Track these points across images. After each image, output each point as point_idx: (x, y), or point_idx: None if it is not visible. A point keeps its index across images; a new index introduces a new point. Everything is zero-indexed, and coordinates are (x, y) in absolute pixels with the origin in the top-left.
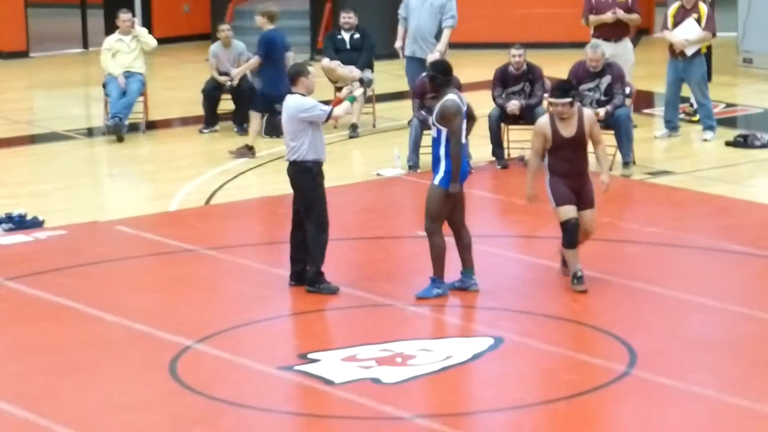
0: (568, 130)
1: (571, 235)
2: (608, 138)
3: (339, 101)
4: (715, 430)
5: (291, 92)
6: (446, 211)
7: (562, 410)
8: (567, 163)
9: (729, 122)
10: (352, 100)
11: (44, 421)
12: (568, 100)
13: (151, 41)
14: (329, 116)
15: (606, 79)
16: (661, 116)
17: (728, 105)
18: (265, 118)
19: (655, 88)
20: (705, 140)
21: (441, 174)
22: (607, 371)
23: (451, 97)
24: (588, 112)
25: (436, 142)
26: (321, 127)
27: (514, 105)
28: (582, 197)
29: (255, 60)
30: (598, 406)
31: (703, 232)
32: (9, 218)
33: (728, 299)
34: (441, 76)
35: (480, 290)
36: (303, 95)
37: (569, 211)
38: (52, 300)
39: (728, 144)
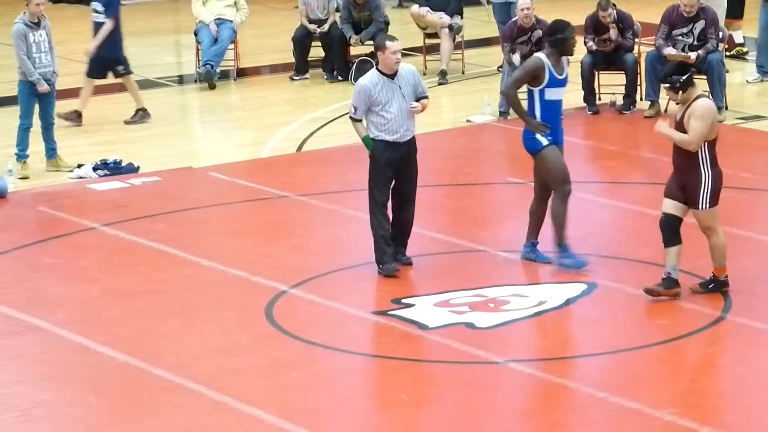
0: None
1: (662, 231)
2: (701, 83)
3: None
4: None
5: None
6: None
7: (656, 354)
8: (673, 153)
9: None
10: (368, 144)
11: (143, 364)
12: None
13: None
14: (350, 117)
15: (700, 24)
16: (753, 61)
17: None
18: (355, 64)
19: (747, 32)
20: None
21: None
22: (701, 316)
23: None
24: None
25: (559, 104)
26: (388, 109)
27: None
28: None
29: None
30: (693, 350)
31: None
32: (104, 164)
33: None
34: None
35: (570, 237)
36: (379, 72)
37: (665, 205)
38: (148, 245)
39: None
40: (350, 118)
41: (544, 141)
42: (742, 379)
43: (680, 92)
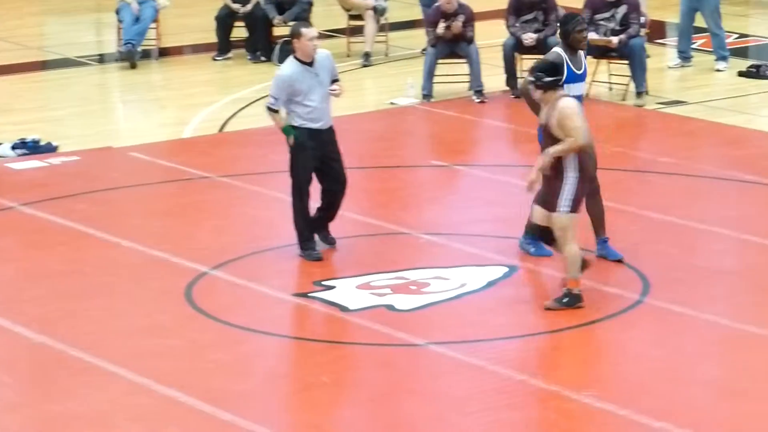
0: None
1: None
2: (622, 68)
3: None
4: (729, 357)
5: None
6: None
7: (576, 337)
8: None
9: (741, 52)
10: (289, 132)
11: (62, 345)
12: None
13: None
14: (267, 107)
15: (622, 9)
16: (673, 46)
17: (741, 35)
18: (278, 45)
19: (667, 17)
20: (718, 70)
21: None
22: (620, 299)
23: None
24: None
25: (581, 99)
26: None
27: (530, 38)
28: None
29: None
30: (612, 333)
31: (716, 161)
32: (23, 143)
33: (741, 228)
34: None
35: (492, 220)
36: (297, 60)
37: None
38: (68, 225)
39: (741, 74)
40: (267, 108)
41: None
42: (659, 362)
43: (541, 91)
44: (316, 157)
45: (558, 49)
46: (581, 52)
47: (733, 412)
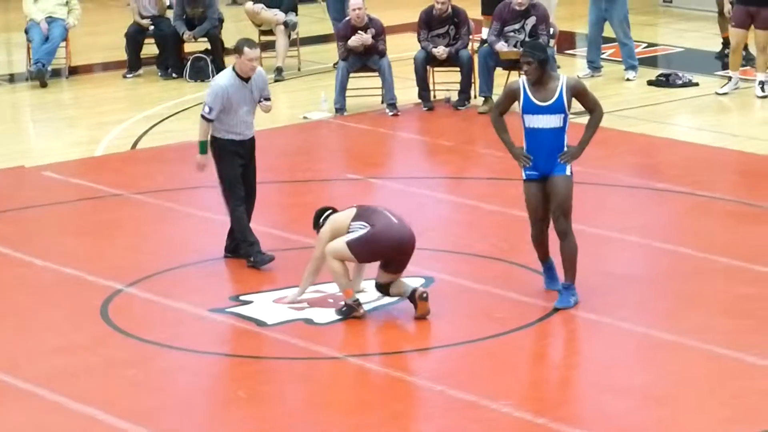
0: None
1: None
2: None
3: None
4: (645, 364)
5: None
6: None
7: (492, 347)
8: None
9: (650, 62)
10: (202, 149)
11: None
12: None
13: None
14: (203, 117)
15: (531, 20)
16: (583, 57)
17: (649, 45)
18: (190, 61)
19: (576, 28)
20: (627, 80)
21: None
22: (535, 308)
23: (565, 75)
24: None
25: (558, 132)
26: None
27: (441, 51)
28: None
29: None
30: (528, 342)
31: (627, 170)
32: None
33: (652, 236)
34: (546, 56)
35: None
36: (235, 73)
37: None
38: None
39: (650, 83)
40: (203, 117)
41: (523, 174)
42: (576, 370)
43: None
44: (241, 165)
45: (522, 77)
46: (561, 83)
47: (650, 418)
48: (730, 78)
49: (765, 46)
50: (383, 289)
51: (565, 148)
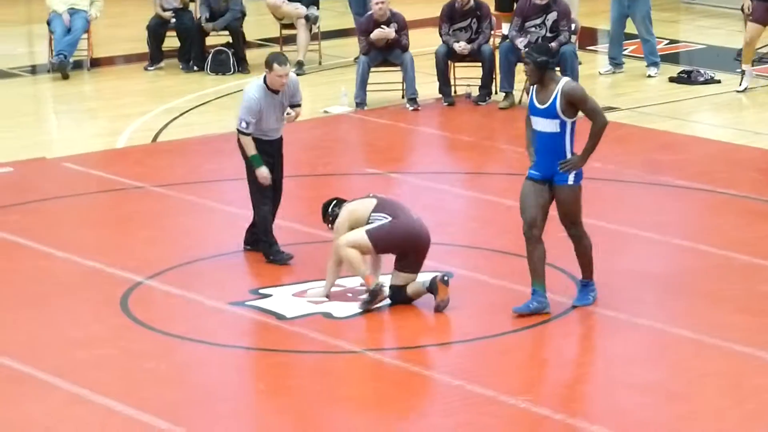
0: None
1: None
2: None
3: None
4: (662, 360)
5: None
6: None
7: (511, 343)
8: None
9: (672, 58)
10: (257, 163)
11: None
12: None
13: None
14: (241, 132)
15: (552, 15)
16: (605, 53)
17: (671, 41)
18: (211, 54)
19: (598, 24)
20: (649, 76)
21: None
22: (554, 304)
23: (568, 79)
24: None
25: (556, 137)
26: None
27: (462, 46)
28: None
29: None
30: (546, 338)
31: (647, 167)
32: None
33: (672, 233)
34: (549, 59)
35: (430, 226)
36: (265, 85)
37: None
38: (1, 236)
39: (672, 80)
40: (241, 132)
41: (527, 173)
42: (594, 366)
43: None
44: (268, 163)
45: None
46: (551, 87)
47: (666, 414)
48: (743, 72)
49: (750, 38)
50: (400, 292)
51: (568, 155)
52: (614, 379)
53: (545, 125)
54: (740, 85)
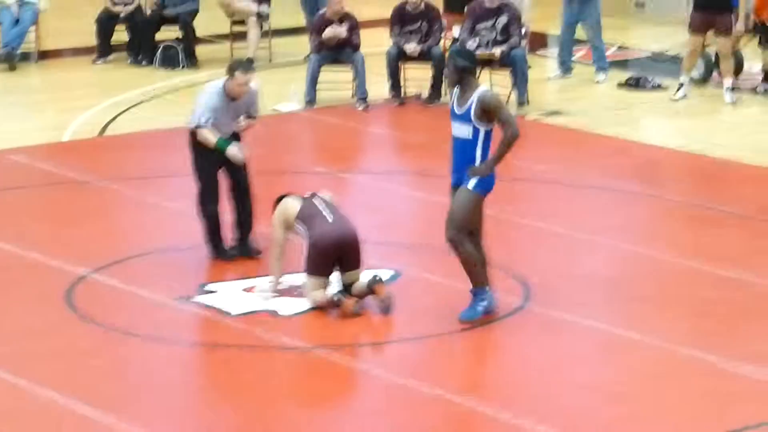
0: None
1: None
2: (503, 78)
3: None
4: (607, 361)
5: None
6: (476, 219)
7: (458, 342)
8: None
9: (621, 65)
10: (222, 147)
11: None
12: None
13: None
14: (199, 127)
15: (503, 19)
16: (554, 58)
17: (620, 48)
18: (160, 49)
19: (548, 29)
20: (597, 82)
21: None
22: (502, 305)
23: (485, 87)
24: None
25: (468, 144)
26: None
27: (412, 48)
28: None
29: None
30: (494, 338)
31: (596, 171)
32: None
33: (619, 237)
34: (469, 64)
35: (375, 226)
36: (224, 93)
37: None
38: None
39: (620, 86)
40: (199, 127)
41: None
42: (540, 366)
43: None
44: (220, 162)
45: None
46: (478, 94)
47: (611, 414)
48: (681, 84)
49: (726, 52)
50: (347, 292)
51: (478, 163)
52: (561, 379)
53: (460, 131)
54: (675, 94)
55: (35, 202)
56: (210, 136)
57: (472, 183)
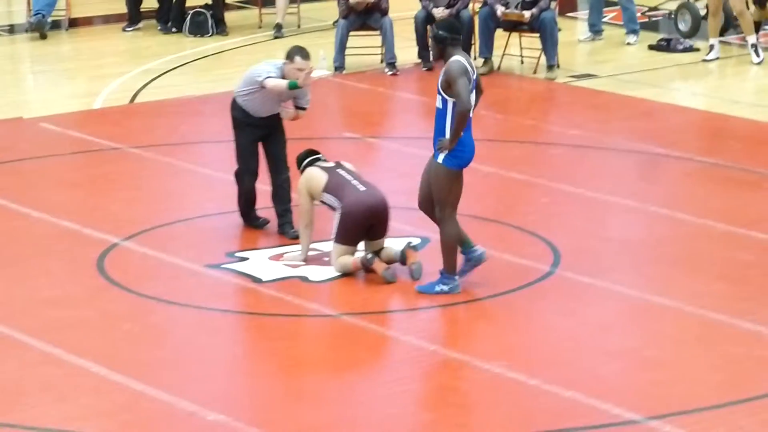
0: None
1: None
2: (533, 41)
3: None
4: (637, 327)
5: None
6: (456, 194)
7: (487, 308)
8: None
9: (651, 26)
10: (293, 85)
11: None
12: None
13: None
14: (269, 79)
15: None
16: (584, 20)
17: (651, 9)
18: (190, 16)
19: None
20: (628, 44)
21: (448, 150)
22: (531, 270)
23: (456, 58)
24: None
25: (440, 114)
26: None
27: (441, 12)
28: None
29: None
30: (523, 304)
31: (626, 134)
32: None
33: (649, 200)
34: (448, 35)
35: (401, 192)
36: (281, 75)
37: None
38: None
39: (651, 48)
40: (269, 78)
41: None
42: (569, 332)
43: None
44: (259, 135)
45: (459, 57)
46: (453, 61)
47: (641, 380)
48: (712, 46)
49: (741, 9)
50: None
51: (447, 135)
52: (589, 345)
53: (437, 101)
54: (708, 55)
55: (67, 170)
56: (278, 81)
57: (441, 156)
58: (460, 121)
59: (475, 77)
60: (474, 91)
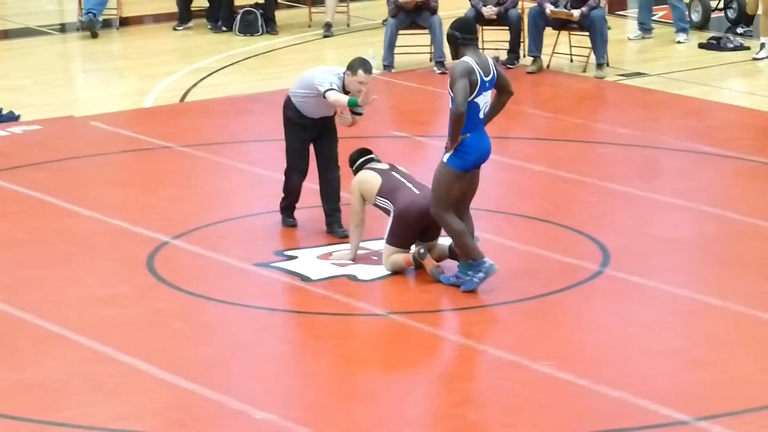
0: None
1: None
2: (583, 39)
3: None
4: (687, 327)
5: None
6: (455, 194)
7: (536, 308)
8: None
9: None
10: (353, 103)
11: (22, 313)
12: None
13: None
14: (330, 91)
15: None
16: (634, 18)
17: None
18: (240, 15)
19: None
20: (678, 42)
21: (451, 151)
22: (580, 270)
23: (464, 59)
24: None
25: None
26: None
27: (490, 10)
28: None
29: None
30: (572, 303)
31: (675, 133)
32: None
33: (699, 200)
34: (459, 35)
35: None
36: (341, 85)
37: None
38: (29, 194)
39: (701, 46)
40: (330, 90)
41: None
42: (618, 332)
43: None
44: (310, 137)
45: (468, 59)
46: (489, 57)
47: (690, 381)
48: (762, 45)
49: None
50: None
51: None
52: (638, 345)
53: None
54: (758, 53)
55: (117, 168)
56: (340, 96)
57: (445, 156)
58: (454, 122)
59: (490, 78)
60: (485, 93)
